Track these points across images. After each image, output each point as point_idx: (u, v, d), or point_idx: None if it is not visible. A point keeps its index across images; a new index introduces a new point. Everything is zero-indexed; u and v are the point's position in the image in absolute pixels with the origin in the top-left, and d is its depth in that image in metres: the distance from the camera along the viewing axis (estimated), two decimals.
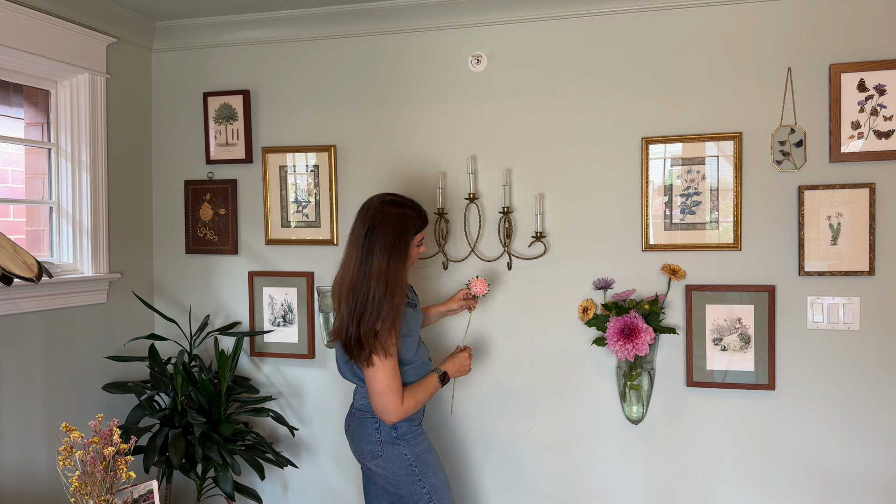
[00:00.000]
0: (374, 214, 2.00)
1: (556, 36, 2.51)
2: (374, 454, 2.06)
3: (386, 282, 1.93)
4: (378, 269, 1.94)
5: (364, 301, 1.93)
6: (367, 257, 1.96)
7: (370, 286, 1.93)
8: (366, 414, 2.07)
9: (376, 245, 1.96)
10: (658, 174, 2.42)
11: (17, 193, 2.59)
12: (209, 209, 2.90)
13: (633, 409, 2.40)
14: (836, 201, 2.27)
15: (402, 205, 2.04)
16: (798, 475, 2.34)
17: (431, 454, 2.11)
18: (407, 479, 2.05)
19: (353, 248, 2.01)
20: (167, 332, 2.86)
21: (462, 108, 2.60)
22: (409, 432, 2.06)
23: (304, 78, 2.78)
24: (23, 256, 2.01)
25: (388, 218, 1.99)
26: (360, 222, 2.02)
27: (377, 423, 2.05)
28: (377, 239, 1.96)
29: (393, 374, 1.95)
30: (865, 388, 2.28)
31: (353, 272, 1.97)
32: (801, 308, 2.32)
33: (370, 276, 1.94)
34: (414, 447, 2.06)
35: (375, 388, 1.95)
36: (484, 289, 2.32)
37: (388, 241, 1.96)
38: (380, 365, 1.93)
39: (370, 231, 1.97)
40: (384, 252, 1.95)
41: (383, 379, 1.94)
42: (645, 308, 2.34)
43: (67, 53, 2.50)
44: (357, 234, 2.01)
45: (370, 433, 2.06)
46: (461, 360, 2.21)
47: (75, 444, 1.68)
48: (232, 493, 2.46)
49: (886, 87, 2.22)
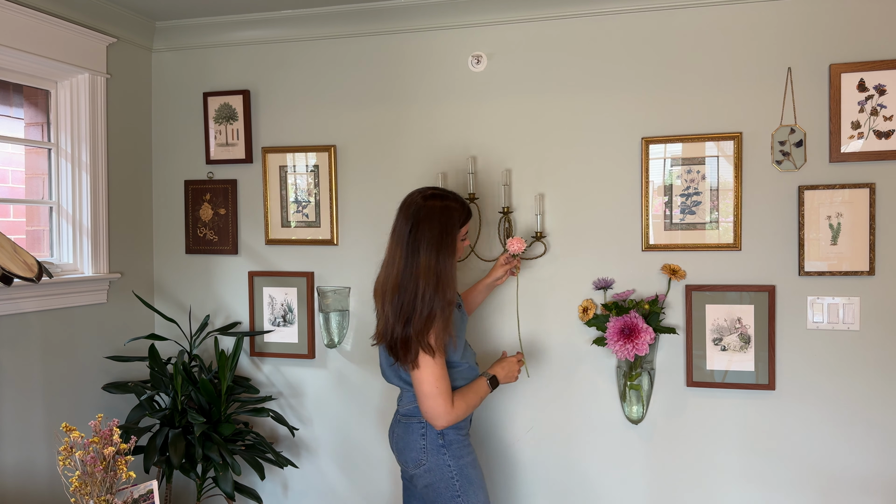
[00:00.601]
0: (418, 210, 1.92)
1: (556, 36, 2.51)
2: (417, 462, 1.97)
3: (436, 279, 1.86)
4: (426, 266, 1.86)
5: (412, 300, 1.86)
6: (413, 255, 1.88)
7: (418, 284, 1.86)
8: (412, 419, 1.99)
9: (422, 241, 1.88)
10: (658, 174, 2.42)
11: (17, 193, 2.59)
12: (209, 209, 2.90)
13: (633, 409, 2.40)
14: (836, 201, 2.27)
15: (446, 198, 1.97)
16: (798, 475, 2.34)
17: (475, 470, 2.01)
18: (445, 493, 1.95)
19: (396, 246, 1.93)
20: (167, 332, 2.86)
21: (462, 108, 2.60)
22: (455, 441, 1.98)
23: (303, 78, 2.78)
24: (23, 256, 2.01)
25: (433, 212, 1.92)
26: (402, 219, 1.94)
27: (423, 429, 1.97)
28: (423, 235, 1.89)
29: (442, 376, 1.87)
30: (865, 388, 2.28)
31: (399, 271, 1.89)
32: (801, 308, 2.32)
33: (418, 274, 1.86)
34: (459, 458, 1.97)
35: (424, 391, 1.87)
36: (521, 246, 2.28)
37: (434, 236, 1.89)
38: (429, 366, 1.85)
39: (415, 227, 1.90)
40: (431, 248, 1.88)
41: (432, 380, 1.86)
42: (645, 308, 2.34)
43: (67, 53, 2.50)
44: (400, 232, 1.93)
45: (415, 439, 1.98)
46: (510, 364, 2.13)
47: (75, 444, 1.68)
48: (232, 493, 2.46)
49: (886, 87, 2.22)
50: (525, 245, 2.30)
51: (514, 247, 2.29)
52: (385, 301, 1.93)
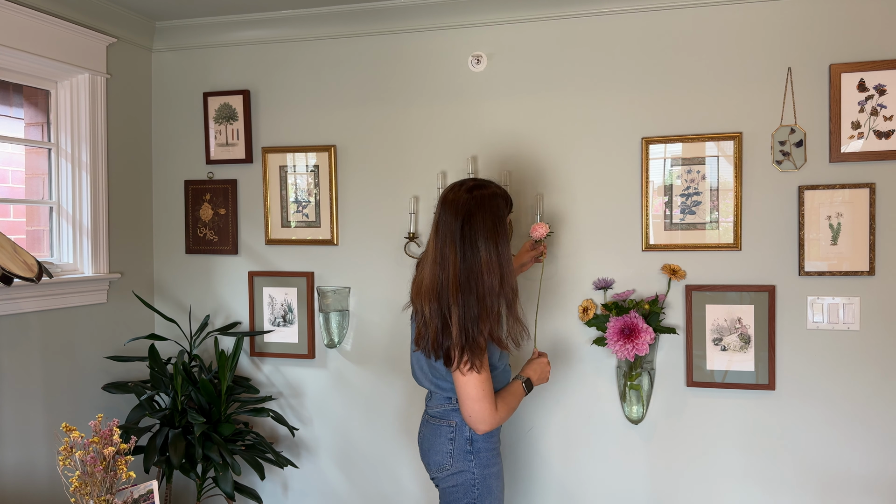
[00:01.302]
0: (466, 203, 1.81)
1: (555, 36, 2.51)
2: (441, 466, 1.91)
3: (500, 271, 1.78)
4: (487, 260, 1.77)
5: (482, 298, 1.75)
6: (471, 250, 1.77)
7: (484, 280, 1.76)
8: (441, 421, 1.92)
9: (479, 235, 1.78)
10: (658, 174, 2.42)
11: (17, 193, 2.59)
12: (209, 209, 2.90)
13: (633, 409, 2.40)
14: (836, 201, 2.27)
15: (489, 186, 1.87)
16: (798, 475, 2.34)
17: (497, 482, 1.94)
18: (463, 498, 1.89)
19: (446, 243, 1.80)
20: (167, 332, 2.86)
21: (462, 108, 2.60)
22: (484, 450, 1.90)
23: (304, 78, 2.78)
24: (23, 256, 2.01)
25: (483, 203, 1.81)
26: (448, 215, 1.82)
27: (452, 433, 1.90)
28: (477, 228, 1.78)
29: (488, 378, 1.78)
30: (865, 388, 2.28)
31: (455, 270, 1.77)
32: (801, 308, 2.32)
33: (480, 270, 1.76)
34: (484, 468, 1.90)
35: (471, 395, 1.77)
36: (545, 230, 2.22)
37: (488, 227, 1.79)
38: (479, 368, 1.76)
39: (466, 222, 1.79)
40: (489, 240, 1.78)
41: (478, 384, 1.76)
42: (645, 308, 2.34)
43: (67, 53, 2.50)
44: (449, 228, 1.80)
45: (443, 443, 1.91)
46: (541, 366, 2.04)
47: (75, 444, 1.68)
48: (232, 493, 2.46)
49: (886, 87, 2.22)
50: (548, 230, 2.24)
51: (537, 232, 2.23)
52: (440, 303, 1.79)
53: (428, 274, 1.84)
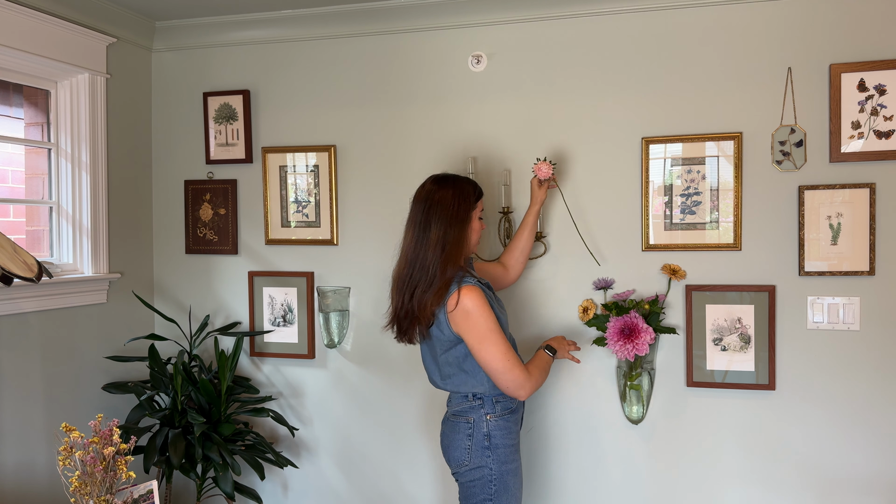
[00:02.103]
0: (429, 193, 1.95)
1: (555, 36, 2.51)
2: (459, 463, 1.97)
3: (443, 246, 1.88)
4: (435, 239, 1.89)
5: (421, 271, 1.88)
6: (424, 231, 1.91)
7: (427, 255, 1.88)
8: (459, 418, 1.99)
9: (433, 218, 1.91)
10: (658, 174, 2.42)
11: (17, 193, 2.59)
12: (209, 209, 2.90)
13: (633, 409, 2.40)
14: (836, 201, 2.27)
15: (456, 178, 2.01)
16: (798, 475, 2.34)
17: (515, 479, 1.98)
18: (480, 493, 1.94)
19: (409, 230, 1.96)
20: (167, 332, 2.86)
21: (462, 108, 2.60)
22: (502, 446, 1.95)
23: (304, 78, 2.78)
24: (23, 256, 2.01)
25: (444, 193, 1.94)
26: (416, 205, 1.97)
27: (470, 430, 1.96)
28: (434, 213, 1.91)
29: (508, 348, 1.88)
30: (865, 388, 2.28)
31: (407, 248, 1.93)
32: (801, 308, 2.32)
33: (427, 246, 1.89)
34: (502, 464, 1.95)
35: (497, 367, 1.87)
36: (549, 170, 2.25)
37: (446, 212, 1.91)
38: (491, 343, 1.86)
39: (427, 208, 1.93)
40: (442, 222, 1.90)
41: (500, 356, 1.86)
42: (645, 308, 2.34)
43: (67, 53, 2.50)
44: (413, 217, 1.96)
45: (461, 439, 1.97)
46: (561, 342, 2.17)
47: (75, 444, 1.68)
48: (232, 493, 2.46)
49: (886, 87, 2.22)
50: (553, 168, 2.26)
51: (541, 172, 2.25)
52: (399, 285, 1.95)
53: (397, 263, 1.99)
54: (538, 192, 2.32)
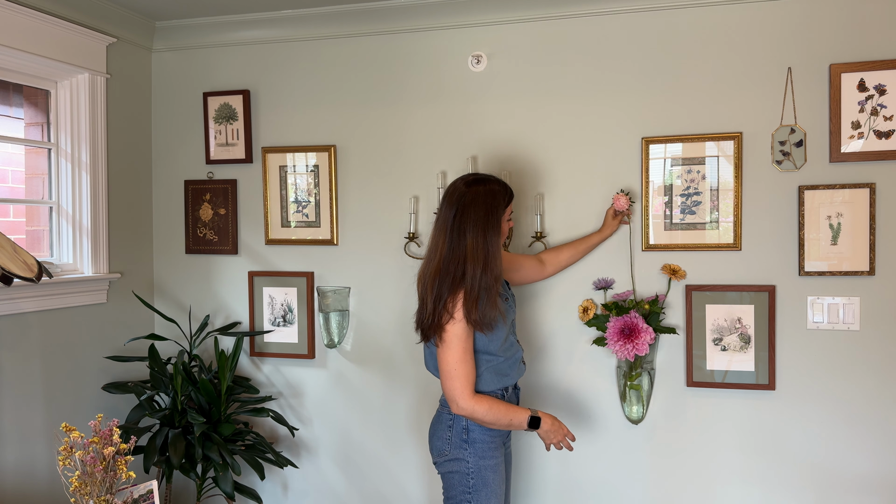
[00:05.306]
0: (462, 196, 1.92)
1: (556, 36, 2.51)
2: (440, 452, 1.99)
3: (484, 258, 1.87)
4: (472, 247, 1.87)
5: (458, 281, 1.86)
6: (459, 238, 1.88)
7: (466, 267, 1.86)
8: (444, 409, 2.01)
9: (467, 224, 1.88)
10: (658, 174, 2.42)
11: (17, 193, 2.59)
12: (209, 209, 2.90)
13: (633, 409, 2.40)
14: (836, 201, 2.27)
15: (488, 181, 1.98)
16: (798, 475, 2.34)
17: (495, 475, 1.96)
18: (458, 487, 1.95)
19: (440, 233, 1.93)
20: (167, 332, 2.86)
21: (462, 108, 2.60)
22: (481, 440, 1.95)
23: (304, 78, 2.78)
24: (23, 256, 2.01)
25: (477, 196, 1.92)
26: (446, 207, 1.94)
27: (451, 421, 1.97)
28: (468, 218, 1.89)
29: (462, 359, 1.87)
30: (865, 388, 2.28)
31: (441, 256, 1.90)
32: (801, 308, 2.32)
33: (464, 256, 1.87)
34: (480, 458, 1.94)
35: (444, 370, 1.88)
36: (626, 203, 2.33)
37: (479, 218, 1.89)
38: (450, 345, 1.86)
39: (459, 212, 1.90)
40: (477, 229, 1.88)
41: (452, 361, 1.86)
42: (645, 308, 2.34)
43: (67, 53, 2.50)
44: (444, 219, 1.93)
45: (442, 430, 1.99)
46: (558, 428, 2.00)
47: (75, 444, 1.68)
48: (232, 493, 2.46)
49: (886, 87, 2.22)
50: (631, 202, 2.37)
51: (619, 203, 2.34)
52: (426, 288, 1.92)
53: (423, 264, 1.98)
54: (611, 223, 2.39)
